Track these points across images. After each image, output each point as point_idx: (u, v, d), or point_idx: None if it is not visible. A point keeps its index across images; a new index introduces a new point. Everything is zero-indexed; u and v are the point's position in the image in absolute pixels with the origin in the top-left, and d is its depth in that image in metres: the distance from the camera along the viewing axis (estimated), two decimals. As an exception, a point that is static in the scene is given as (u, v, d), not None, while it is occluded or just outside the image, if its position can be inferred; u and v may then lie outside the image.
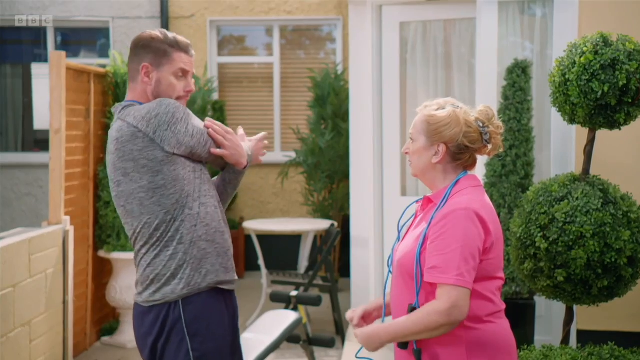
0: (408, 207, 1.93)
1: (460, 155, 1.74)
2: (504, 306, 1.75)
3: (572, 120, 2.71)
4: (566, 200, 2.61)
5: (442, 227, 1.66)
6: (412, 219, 1.86)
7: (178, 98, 1.93)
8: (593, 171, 2.85)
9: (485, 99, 3.54)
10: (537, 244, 2.61)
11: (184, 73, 1.93)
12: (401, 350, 1.73)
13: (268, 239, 5.74)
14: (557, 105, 2.71)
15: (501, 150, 1.79)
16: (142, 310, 1.93)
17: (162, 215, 1.87)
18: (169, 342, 1.89)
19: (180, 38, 1.95)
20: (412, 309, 1.68)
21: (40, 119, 6.01)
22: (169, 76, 1.91)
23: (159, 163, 1.85)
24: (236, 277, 2.02)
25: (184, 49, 1.93)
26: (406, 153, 1.82)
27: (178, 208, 1.87)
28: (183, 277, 1.87)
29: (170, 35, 1.94)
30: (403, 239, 1.81)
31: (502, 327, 1.72)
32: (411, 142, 1.79)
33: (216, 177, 2.10)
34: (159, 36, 1.92)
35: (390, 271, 1.84)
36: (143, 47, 1.92)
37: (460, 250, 1.63)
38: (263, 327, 3.06)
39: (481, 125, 1.74)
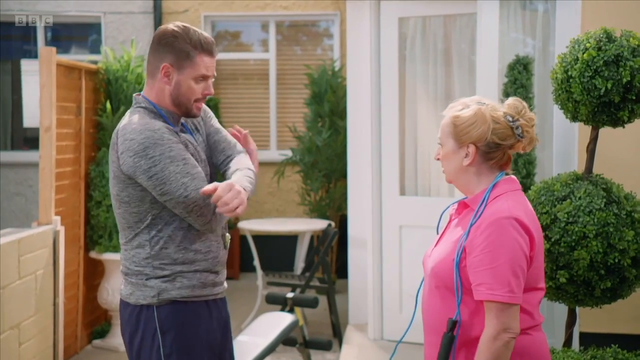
0: (446, 209, 1.85)
1: (492, 154, 1.68)
2: (542, 319, 1.70)
3: (574, 118, 2.69)
4: (568, 200, 2.58)
5: (485, 238, 1.59)
6: (447, 223, 1.79)
7: (196, 100, 1.89)
8: (596, 170, 2.83)
9: (485, 96, 3.46)
10: None
11: (204, 78, 1.89)
12: None
13: (264, 240, 5.70)
14: (559, 102, 2.69)
15: (538, 143, 1.73)
16: (123, 303, 1.94)
17: (127, 226, 1.87)
18: (143, 339, 1.87)
19: (205, 38, 1.87)
20: (452, 323, 1.63)
21: (30, 117, 5.96)
22: (189, 80, 1.86)
23: (124, 181, 1.83)
24: (218, 291, 1.95)
25: (207, 51, 1.87)
26: (437, 159, 1.76)
27: (143, 227, 1.84)
28: (154, 286, 1.85)
29: (194, 34, 1.86)
30: (437, 244, 1.75)
31: (537, 339, 1.66)
32: (440, 148, 1.74)
33: None
34: (183, 34, 1.85)
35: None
36: (165, 45, 1.85)
37: (509, 263, 1.57)
38: (259, 330, 3.04)
39: (511, 119, 1.67)
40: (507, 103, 1.71)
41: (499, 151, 1.68)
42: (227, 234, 1.98)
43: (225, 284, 2.01)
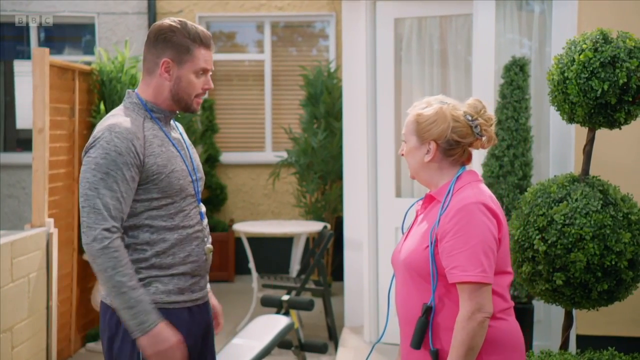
0: (410, 207, 1.93)
1: (451, 151, 1.75)
2: (512, 304, 1.76)
3: (571, 120, 2.69)
4: (565, 202, 2.58)
5: (455, 223, 1.65)
6: (412, 220, 1.85)
7: (196, 96, 1.87)
8: (593, 171, 2.83)
9: (482, 97, 3.41)
10: (536, 247, 2.58)
11: (204, 72, 1.87)
12: (413, 351, 1.71)
13: (259, 242, 5.68)
14: (555, 103, 2.69)
15: (495, 142, 1.80)
16: (103, 304, 1.90)
17: None
18: (123, 343, 1.83)
19: (203, 32, 1.86)
20: (427, 308, 1.68)
21: (23, 118, 5.92)
22: (189, 74, 1.85)
23: None
24: (198, 296, 1.90)
25: (206, 44, 1.86)
26: (402, 155, 1.83)
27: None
28: None
29: (192, 28, 1.85)
30: (405, 239, 1.80)
31: (513, 324, 1.73)
32: (404, 144, 1.82)
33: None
34: (180, 29, 1.84)
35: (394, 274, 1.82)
36: (164, 41, 1.83)
37: (481, 245, 1.63)
38: (254, 333, 3.03)
39: (470, 118, 1.75)
40: (468, 103, 1.78)
41: (459, 148, 1.75)
42: (209, 246, 1.92)
43: (208, 288, 1.97)
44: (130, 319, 1.73)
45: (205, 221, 1.95)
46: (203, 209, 1.95)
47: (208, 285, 1.98)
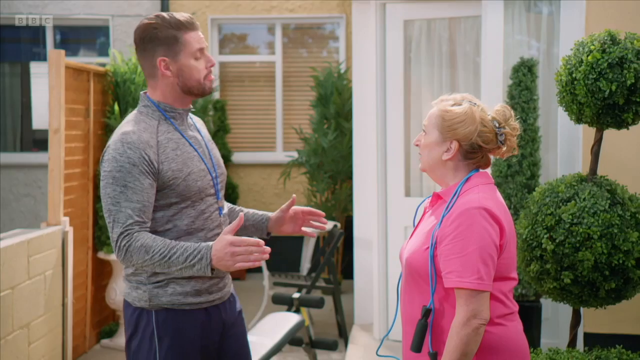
0: (420, 203, 1.87)
1: (472, 154, 1.70)
2: (516, 308, 1.72)
3: (579, 120, 2.69)
4: (573, 201, 2.59)
5: (455, 227, 1.62)
6: (421, 216, 1.82)
7: (205, 77, 1.84)
8: (600, 171, 2.83)
9: (490, 98, 3.51)
10: (544, 246, 2.59)
11: (201, 52, 1.84)
12: (413, 354, 1.69)
13: (270, 240, 5.66)
14: (563, 104, 2.69)
15: (515, 152, 1.74)
16: (125, 302, 1.90)
17: None
18: (141, 341, 1.84)
19: (182, 16, 1.83)
20: (426, 310, 1.65)
21: (39, 119, 5.98)
22: (188, 61, 1.81)
23: None
24: (215, 297, 1.89)
25: (190, 27, 1.82)
26: (417, 145, 1.78)
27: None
28: (146, 291, 1.83)
29: (171, 17, 1.81)
30: (411, 237, 1.78)
31: (513, 329, 1.68)
32: (423, 135, 1.75)
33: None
34: (161, 23, 1.80)
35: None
36: (150, 40, 1.80)
37: (479, 252, 1.59)
38: (265, 330, 3.05)
39: (497, 125, 1.70)
40: (496, 109, 1.72)
41: (480, 153, 1.70)
42: None
43: (229, 286, 1.94)
44: (190, 268, 1.72)
45: (225, 217, 1.93)
46: (223, 205, 1.93)
47: (230, 283, 1.95)
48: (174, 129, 1.85)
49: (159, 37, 1.80)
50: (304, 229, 2.05)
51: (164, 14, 1.83)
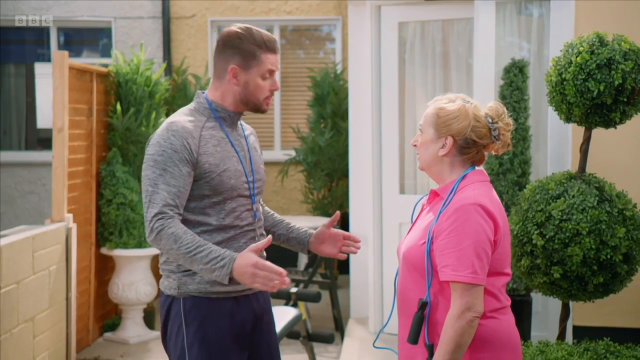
0: (419, 200, 1.91)
1: (467, 149, 1.74)
2: (509, 302, 1.75)
3: (568, 119, 2.73)
4: (562, 198, 2.62)
5: (451, 223, 1.65)
6: (419, 213, 1.86)
7: (265, 98, 1.92)
8: (589, 169, 2.86)
9: (482, 98, 3.57)
10: (534, 241, 2.62)
11: (271, 73, 1.92)
12: (409, 345, 1.73)
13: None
14: (553, 104, 2.73)
15: (510, 148, 1.77)
16: (160, 290, 1.98)
17: None
18: (172, 327, 1.91)
19: (267, 37, 1.91)
20: (422, 304, 1.69)
21: (43, 118, 6.03)
22: (256, 78, 1.90)
23: None
24: (245, 287, 1.89)
25: (271, 48, 1.90)
26: (414, 145, 1.81)
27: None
28: (175, 279, 1.89)
29: (257, 34, 1.90)
30: (409, 232, 1.81)
31: (505, 323, 1.71)
32: (420, 134, 1.79)
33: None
34: (247, 36, 1.89)
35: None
36: (231, 47, 1.89)
37: (473, 246, 1.63)
38: (264, 323, 3.08)
39: (490, 121, 1.74)
40: (489, 106, 1.77)
41: (474, 148, 1.74)
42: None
43: None
44: (209, 272, 1.76)
45: (260, 221, 1.98)
46: (258, 209, 1.98)
47: None
48: (220, 128, 1.92)
49: (239, 47, 1.89)
50: (340, 253, 2.07)
51: (254, 29, 1.91)
